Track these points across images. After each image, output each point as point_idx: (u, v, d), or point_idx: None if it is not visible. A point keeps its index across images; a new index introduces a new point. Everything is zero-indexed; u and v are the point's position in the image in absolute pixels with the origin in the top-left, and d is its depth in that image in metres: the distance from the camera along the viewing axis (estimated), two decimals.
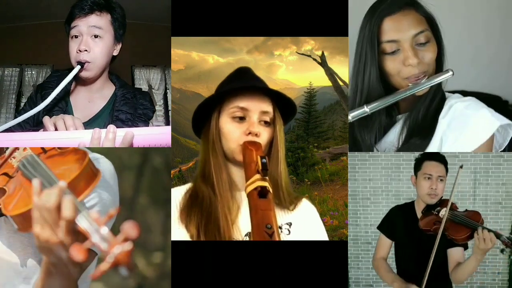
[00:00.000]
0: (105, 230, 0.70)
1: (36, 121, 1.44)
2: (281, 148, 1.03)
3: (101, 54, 1.43)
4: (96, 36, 1.41)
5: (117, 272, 0.66)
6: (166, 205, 1.06)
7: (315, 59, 5.08)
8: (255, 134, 0.99)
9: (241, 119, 1.01)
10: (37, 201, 0.75)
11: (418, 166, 1.42)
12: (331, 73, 4.89)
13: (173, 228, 0.99)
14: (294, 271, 1.36)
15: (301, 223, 1.06)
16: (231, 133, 1.00)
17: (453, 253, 1.35)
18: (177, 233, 0.98)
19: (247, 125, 1.00)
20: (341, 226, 2.94)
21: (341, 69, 4.77)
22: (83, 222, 0.71)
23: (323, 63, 4.96)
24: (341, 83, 4.74)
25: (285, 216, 1.04)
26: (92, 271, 0.79)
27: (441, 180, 1.38)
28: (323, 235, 1.09)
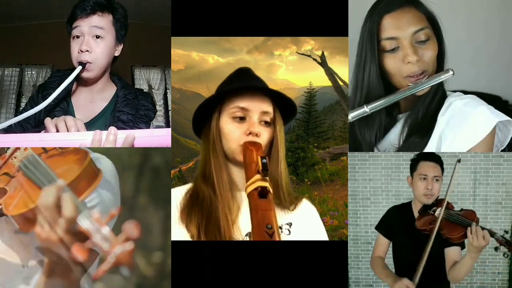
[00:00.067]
0: (106, 230, 0.70)
1: (38, 121, 1.44)
2: (281, 148, 1.03)
3: (103, 55, 1.43)
4: (97, 37, 1.41)
5: (118, 272, 0.66)
6: (166, 205, 1.06)
7: (315, 59, 5.09)
8: (256, 134, 0.99)
9: (242, 119, 1.01)
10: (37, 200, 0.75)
11: (414, 166, 1.42)
12: (331, 73, 4.89)
13: (173, 228, 0.99)
14: (294, 271, 1.35)
15: (301, 223, 1.06)
16: (231, 133, 1.00)
17: (450, 252, 1.35)
18: (177, 233, 0.98)
19: (247, 125, 1.00)
20: (341, 226, 2.94)
21: (341, 69, 4.78)
22: (85, 222, 0.71)
23: (323, 63, 4.96)
24: (341, 83, 4.74)
25: (285, 216, 1.04)
26: (93, 271, 0.80)
27: (436, 180, 1.38)
28: (323, 235, 1.09)
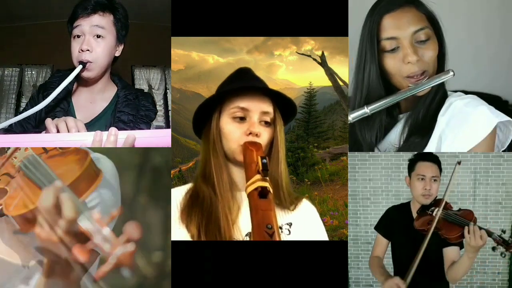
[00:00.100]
0: (107, 230, 0.70)
1: (38, 121, 1.44)
2: (281, 148, 1.03)
3: (103, 54, 1.43)
4: (98, 36, 1.41)
5: (119, 273, 0.66)
6: (166, 205, 1.06)
7: (315, 59, 5.08)
8: (256, 134, 0.99)
9: (242, 119, 1.01)
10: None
11: (412, 167, 1.41)
12: (331, 73, 4.89)
13: (173, 228, 0.99)
14: (294, 271, 1.35)
15: (301, 223, 1.06)
16: (231, 133, 1.00)
17: (448, 252, 1.35)
18: (177, 233, 0.98)
19: (247, 125, 1.00)
20: (341, 226, 2.94)
21: (341, 69, 4.78)
22: (85, 222, 0.71)
23: (323, 63, 4.96)
24: (341, 83, 4.74)
25: (285, 216, 1.04)
26: (94, 272, 0.79)
27: (434, 181, 1.38)
28: (323, 235, 1.09)
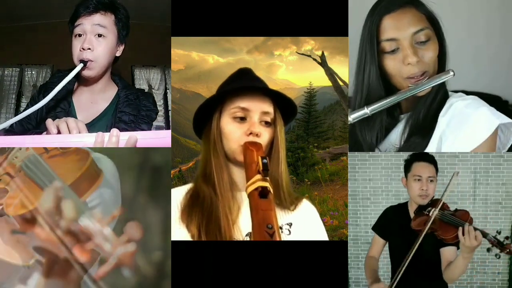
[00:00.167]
0: (107, 230, 0.70)
1: (39, 120, 1.44)
2: (281, 148, 1.03)
3: (104, 53, 1.43)
4: (99, 35, 1.42)
5: (120, 273, 0.66)
6: (166, 205, 1.06)
7: (315, 59, 5.09)
8: (256, 135, 0.99)
9: (242, 119, 1.01)
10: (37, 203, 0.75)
11: (408, 167, 1.41)
12: (331, 73, 4.89)
13: (173, 228, 0.99)
14: (294, 271, 1.36)
15: (301, 223, 1.06)
16: (232, 133, 1.00)
17: (445, 252, 1.35)
18: (178, 233, 0.98)
19: (248, 126, 1.00)
20: (341, 226, 2.94)
21: (341, 69, 4.78)
22: (86, 222, 0.71)
23: (323, 63, 4.96)
24: (341, 83, 4.74)
25: (285, 216, 1.04)
26: (94, 271, 0.79)
27: (431, 181, 1.37)
28: (323, 235, 1.09)
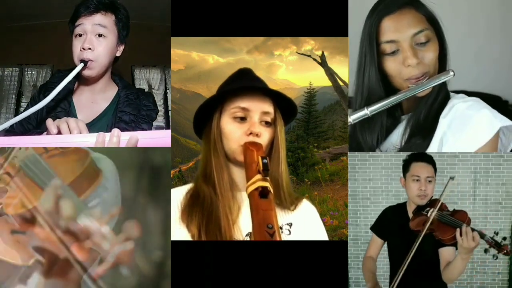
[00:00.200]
0: (106, 229, 0.70)
1: (39, 121, 1.44)
2: (282, 148, 1.03)
3: (104, 53, 1.43)
4: (100, 35, 1.42)
5: (119, 273, 0.66)
6: (166, 205, 1.06)
7: (315, 59, 5.10)
8: (256, 134, 0.99)
9: (242, 119, 1.01)
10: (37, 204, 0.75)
11: (406, 167, 1.41)
12: (331, 73, 4.90)
13: (173, 228, 0.99)
14: (294, 271, 1.35)
15: (301, 223, 1.06)
16: (232, 133, 1.00)
17: (444, 252, 1.34)
18: (178, 233, 0.98)
19: (248, 125, 1.00)
20: (341, 226, 2.94)
21: (341, 69, 4.78)
22: (85, 221, 0.71)
23: (323, 63, 4.97)
24: (341, 83, 4.75)
25: (285, 216, 1.04)
26: (94, 271, 0.79)
27: (429, 181, 1.37)
28: (323, 235, 1.09)
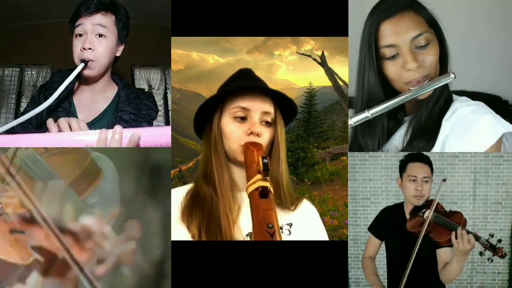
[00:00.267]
0: (107, 229, 0.70)
1: (40, 121, 1.44)
2: (282, 148, 1.03)
3: (104, 53, 1.43)
4: (100, 35, 1.42)
5: (119, 272, 0.66)
6: (166, 205, 1.06)
7: (315, 59, 5.09)
8: (257, 134, 0.99)
9: (243, 119, 1.01)
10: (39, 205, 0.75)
11: (403, 168, 1.41)
12: (331, 73, 4.90)
13: (173, 228, 0.99)
14: (294, 271, 1.36)
15: (301, 223, 1.06)
16: (232, 133, 1.00)
17: (441, 253, 1.35)
18: (178, 233, 0.98)
19: (248, 125, 1.00)
20: (341, 226, 2.94)
21: (341, 69, 4.78)
22: (85, 221, 0.71)
23: (323, 63, 4.97)
24: (341, 83, 4.75)
25: (285, 216, 1.04)
26: (93, 270, 0.79)
27: (426, 181, 1.37)
28: (323, 235, 1.09)
